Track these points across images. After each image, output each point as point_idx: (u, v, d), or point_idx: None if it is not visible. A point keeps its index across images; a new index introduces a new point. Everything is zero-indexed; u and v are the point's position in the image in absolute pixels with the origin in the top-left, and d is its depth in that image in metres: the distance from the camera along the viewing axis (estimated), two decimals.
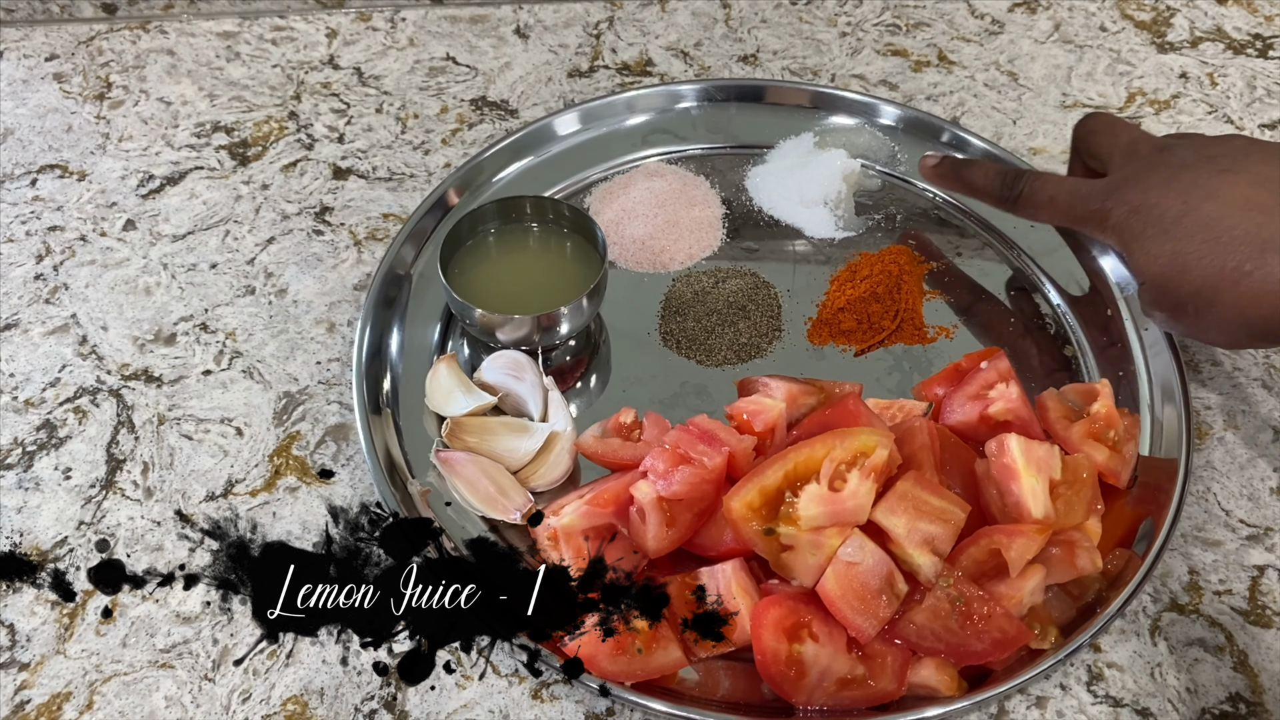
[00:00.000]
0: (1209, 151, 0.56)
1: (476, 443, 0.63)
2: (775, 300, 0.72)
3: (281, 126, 0.82)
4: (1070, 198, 0.60)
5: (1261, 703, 0.57)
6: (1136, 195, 0.56)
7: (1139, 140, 0.59)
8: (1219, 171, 0.54)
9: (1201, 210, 0.53)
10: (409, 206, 0.77)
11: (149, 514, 0.62)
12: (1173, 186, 0.54)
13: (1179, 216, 0.53)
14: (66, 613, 0.59)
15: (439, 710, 0.56)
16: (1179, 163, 0.56)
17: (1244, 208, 0.51)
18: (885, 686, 0.53)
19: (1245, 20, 0.92)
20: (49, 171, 0.79)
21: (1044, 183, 0.63)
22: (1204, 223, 0.52)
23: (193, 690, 0.56)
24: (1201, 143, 0.57)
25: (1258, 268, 0.50)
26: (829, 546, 0.53)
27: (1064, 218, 0.62)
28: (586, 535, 0.57)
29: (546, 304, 0.65)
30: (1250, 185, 0.52)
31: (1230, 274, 0.51)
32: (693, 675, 0.56)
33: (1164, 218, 0.54)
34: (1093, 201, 0.58)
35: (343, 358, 0.69)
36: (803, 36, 0.89)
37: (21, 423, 0.66)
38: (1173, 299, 0.55)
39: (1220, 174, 0.54)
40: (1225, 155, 0.55)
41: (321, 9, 0.90)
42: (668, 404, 0.67)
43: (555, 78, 0.86)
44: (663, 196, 0.75)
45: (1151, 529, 0.59)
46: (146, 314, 0.72)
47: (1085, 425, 0.61)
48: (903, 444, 0.57)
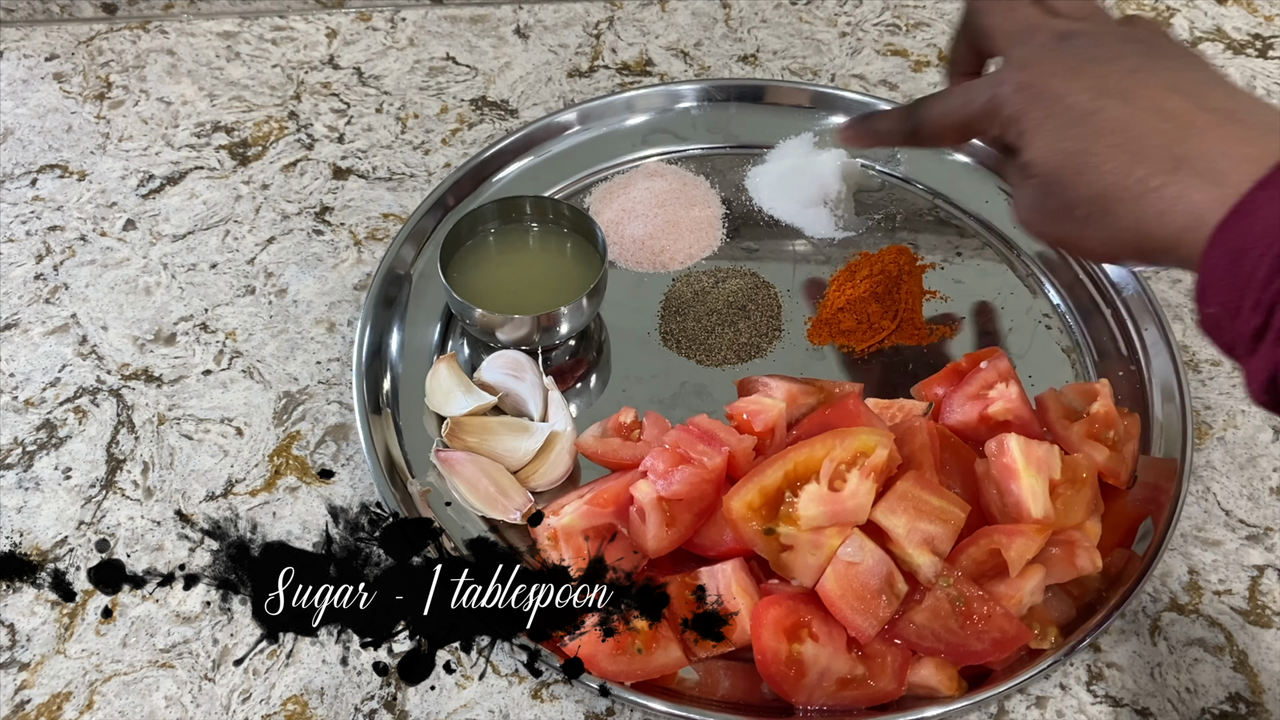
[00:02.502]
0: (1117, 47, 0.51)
1: (476, 443, 0.63)
2: (775, 300, 0.72)
3: (281, 126, 0.82)
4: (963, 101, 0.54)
5: (1261, 703, 0.57)
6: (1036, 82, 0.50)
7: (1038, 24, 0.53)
8: (1129, 70, 0.49)
9: (1110, 111, 0.48)
10: (409, 206, 0.77)
11: (149, 514, 0.63)
12: (1078, 79, 0.49)
13: (1086, 114, 0.48)
14: (66, 613, 0.59)
15: (439, 710, 0.56)
16: (1085, 54, 0.50)
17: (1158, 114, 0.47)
18: (885, 686, 0.53)
19: (1245, 20, 0.92)
20: (49, 171, 0.79)
21: (936, 99, 0.57)
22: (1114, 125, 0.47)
23: (193, 690, 0.56)
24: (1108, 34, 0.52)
25: (1166, 184, 0.45)
26: (829, 546, 0.53)
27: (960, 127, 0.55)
28: (586, 535, 0.57)
29: (546, 304, 0.65)
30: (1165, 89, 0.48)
31: (1135, 185, 0.46)
32: (693, 675, 0.56)
33: (1069, 111, 0.49)
34: (985, 92, 0.52)
35: (343, 358, 0.69)
36: (803, 36, 0.89)
37: (21, 423, 0.66)
38: (1060, 201, 0.49)
39: (1131, 73, 0.49)
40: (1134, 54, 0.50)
41: (321, 9, 0.90)
42: (668, 404, 0.67)
43: (555, 78, 0.86)
44: (663, 196, 0.75)
45: (1151, 529, 0.59)
46: (146, 314, 0.72)
47: (1085, 425, 0.61)
48: (903, 444, 0.57)
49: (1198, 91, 0.47)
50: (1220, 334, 0.44)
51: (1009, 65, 0.53)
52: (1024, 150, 0.50)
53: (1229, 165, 0.44)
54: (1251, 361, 0.42)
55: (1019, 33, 0.54)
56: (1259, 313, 0.41)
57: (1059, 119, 0.49)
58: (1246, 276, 0.41)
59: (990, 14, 0.56)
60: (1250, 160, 0.43)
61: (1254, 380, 0.42)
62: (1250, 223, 0.42)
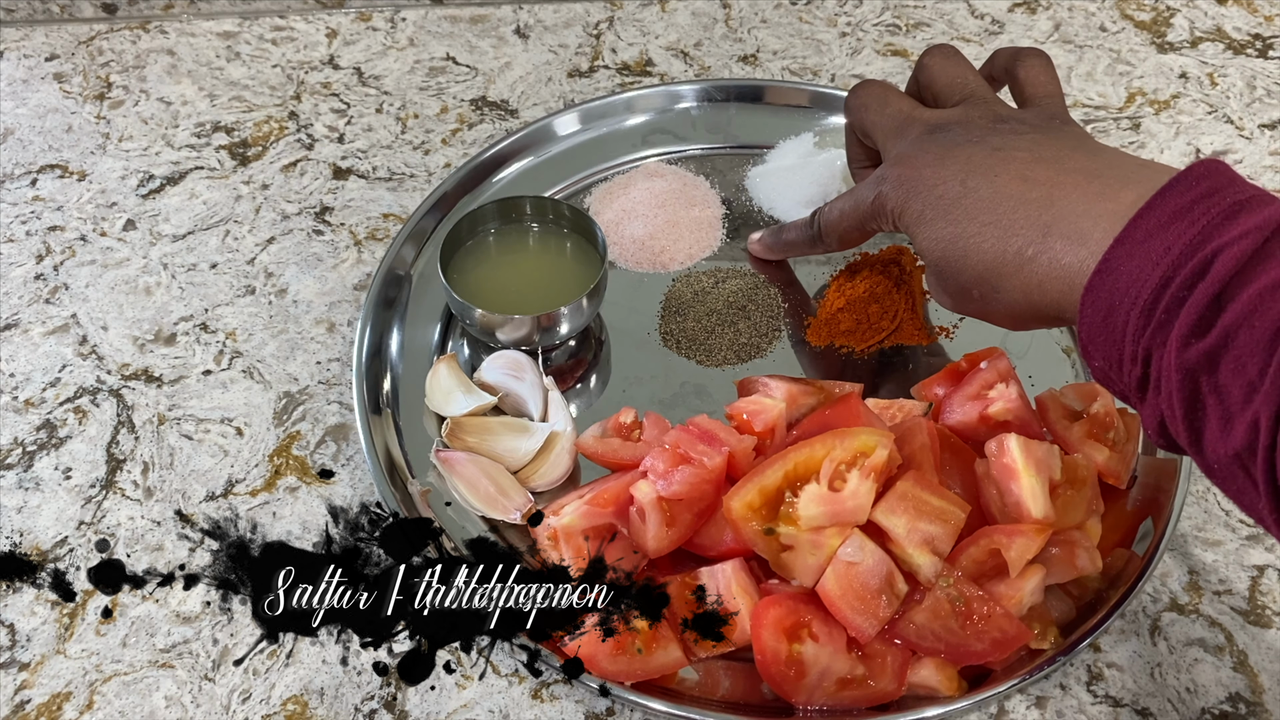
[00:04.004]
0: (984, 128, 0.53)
1: (476, 443, 0.63)
2: (775, 300, 0.72)
3: (281, 126, 0.82)
4: (854, 204, 0.57)
5: (1261, 703, 0.57)
6: (910, 176, 0.52)
7: (910, 119, 0.56)
8: (992, 150, 0.51)
9: (979, 191, 0.49)
10: (409, 206, 0.77)
11: (149, 514, 0.63)
12: (947, 166, 0.51)
13: (957, 198, 0.50)
14: (66, 613, 0.59)
15: (439, 710, 0.56)
16: (951, 141, 0.52)
17: (1024, 184, 0.48)
18: (885, 686, 0.53)
19: (1245, 20, 0.92)
20: (49, 171, 0.79)
21: (832, 205, 0.60)
22: (983, 204, 0.49)
23: (193, 690, 0.56)
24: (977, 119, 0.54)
25: (1040, 252, 0.46)
26: (829, 546, 0.53)
27: (857, 228, 0.59)
28: (586, 535, 0.57)
29: (546, 304, 0.65)
30: (1026, 164, 0.49)
31: (1013, 259, 0.47)
32: (693, 675, 0.56)
33: (942, 199, 0.51)
34: (869, 192, 0.55)
35: (343, 358, 0.69)
36: (803, 36, 0.89)
37: (21, 423, 0.66)
38: (956, 284, 0.51)
39: (994, 152, 0.50)
40: (999, 132, 0.52)
41: (321, 9, 0.90)
42: (668, 404, 0.67)
43: (555, 78, 0.86)
44: (663, 196, 0.75)
45: (1151, 529, 0.59)
46: (146, 314, 0.72)
47: (1085, 425, 0.61)
48: (903, 444, 0.57)
49: (1059, 157, 0.49)
50: (1111, 385, 0.46)
51: (887, 161, 0.55)
52: (914, 242, 0.53)
53: (1089, 224, 0.45)
54: (1143, 409, 0.44)
55: (895, 129, 0.56)
56: (1137, 365, 0.43)
57: (934, 207, 0.51)
58: (1120, 332, 0.43)
59: (868, 112, 0.59)
60: (1109, 215, 0.44)
61: (1147, 425, 0.44)
62: (1113, 280, 0.43)
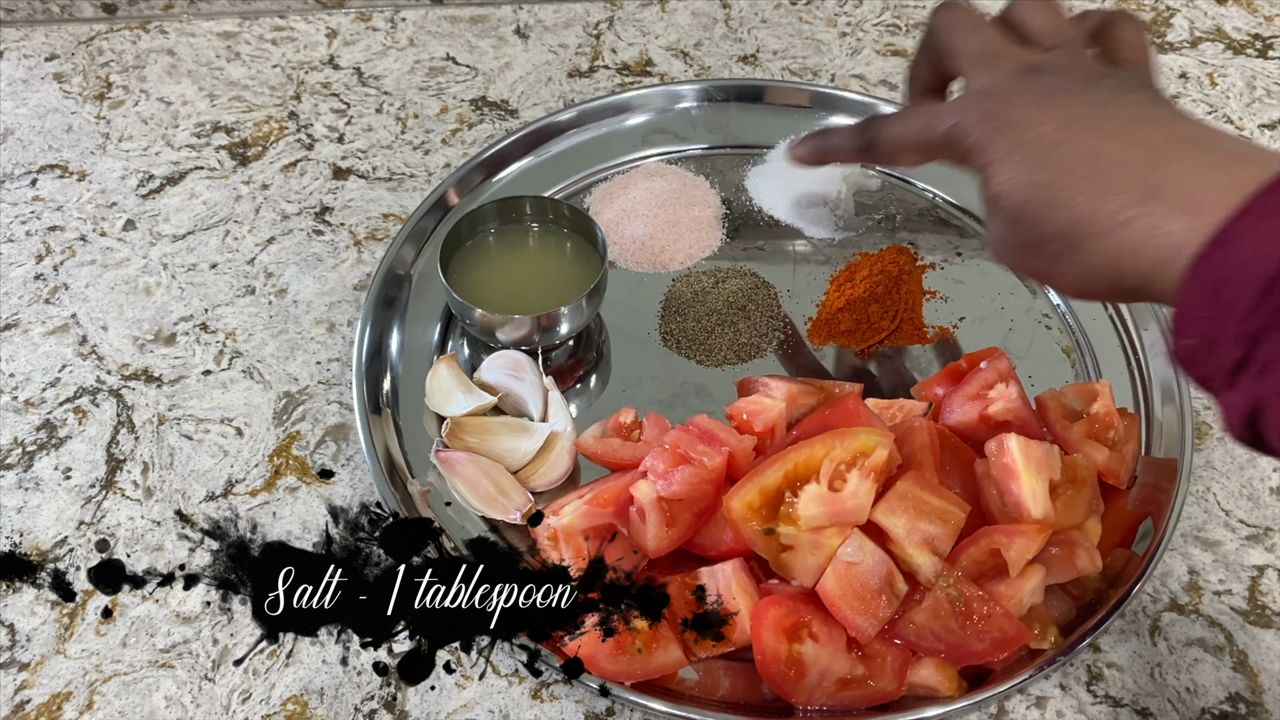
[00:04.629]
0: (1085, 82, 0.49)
1: (476, 443, 0.63)
2: (775, 300, 0.72)
3: (281, 126, 0.82)
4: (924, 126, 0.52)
5: (1261, 703, 0.57)
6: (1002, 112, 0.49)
7: (1003, 51, 0.52)
8: (1094, 104, 0.47)
9: (1079, 141, 0.46)
10: (409, 206, 0.77)
11: (149, 514, 0.63)
12: (1045, 110, 0.48)
13: (1054, 144, 0.46)
14: (66, 613, 0.59)
15: (439, 710, 0.56)
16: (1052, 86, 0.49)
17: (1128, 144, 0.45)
18: (885, 686, 0.53)
19: (1245, 20, 0.92)
20: (49, 171, 0.79)
21: (896, 118, 0.55)
22: (1083, 156, 0.45)
23: (193, 690, 0.56)
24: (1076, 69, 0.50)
25: (1138, 216, 0.43)
26: (829, 546, 0.53)
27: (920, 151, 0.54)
28: (586, 535, 0.57)
29: (546, 304, 0.65)
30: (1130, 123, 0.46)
31: (1106, 219, 0.44)
32: (693, 675, 0.56)
33: (1036, 143, 0.47)
34: (947, 119, 0.51)
35: (343, 358, 0.69)
36: (803, 36, 0.89)
37: (21, 423, 0.66)
38: (1030, 235, 0.47)
39: (1096, 106, 0.47)
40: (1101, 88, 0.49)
41: (321, 9, 0.90)
42: (668, 404, 0.67)
43: (555, 78, 0.86)
44: (663, 196, 0.75)
45: (1151, 529, 0.59)
46: (146, 314, 0.72)
47: (1085, 425, 0.61)
48: (903, 444, 0.57)
49: (1167, 122, 0.46)
50: (1196, 366, 0.43)
51: (973, 92, 0.51)
52: (990, 182, 0.48)
53: (1204, 194, 0.42)
54: (1229, 395, 0.41)
55: (985, 59, 0.52)
56: (1239, 345, 0.40)
57: (1025, 150, 0.47)
58: (1227, 308, 0.40)
59: (955, 34, 0.54)
60: (1225, 188, 0.42)
61: (1232, 414, 0.41)
62: (1230, 253, 0.40)
